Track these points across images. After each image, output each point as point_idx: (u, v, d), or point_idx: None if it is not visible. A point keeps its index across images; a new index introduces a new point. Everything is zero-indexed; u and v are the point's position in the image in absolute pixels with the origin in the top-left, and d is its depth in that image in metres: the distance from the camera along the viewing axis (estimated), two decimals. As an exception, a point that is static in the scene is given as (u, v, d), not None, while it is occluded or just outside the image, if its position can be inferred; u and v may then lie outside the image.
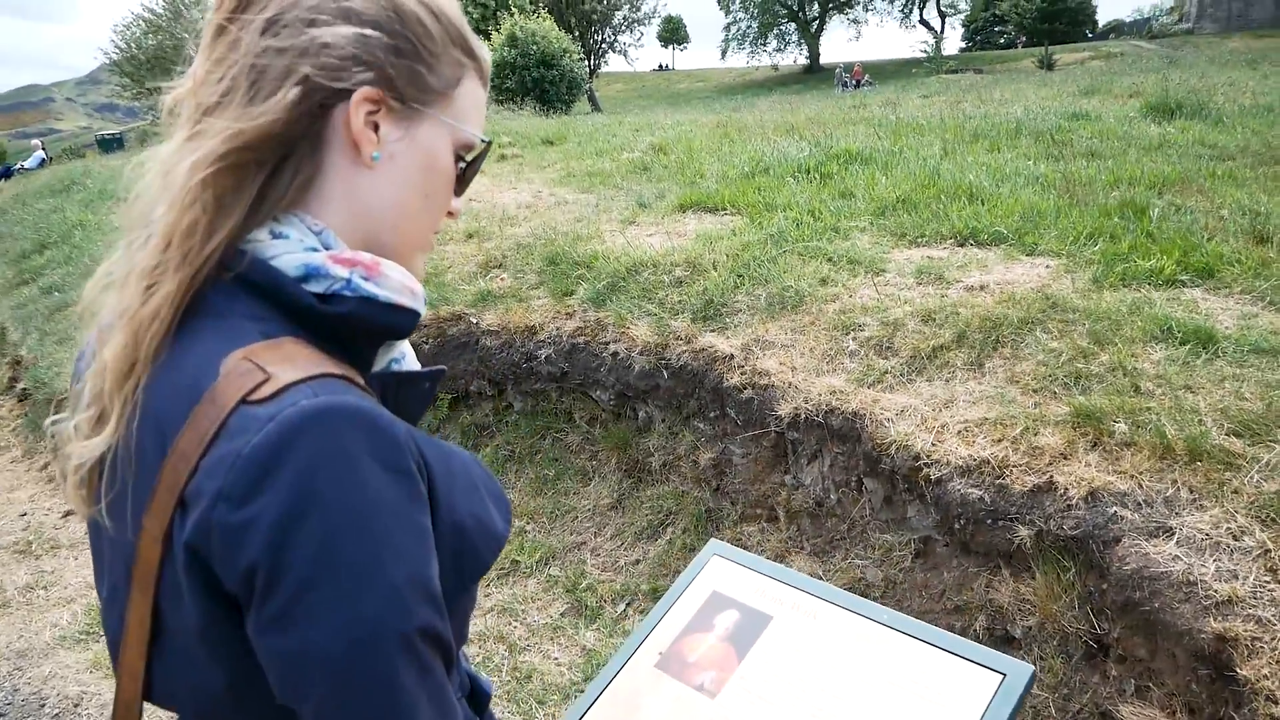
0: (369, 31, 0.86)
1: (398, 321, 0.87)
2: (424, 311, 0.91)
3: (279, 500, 0.69)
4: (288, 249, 0.84)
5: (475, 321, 4.81)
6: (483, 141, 0.98)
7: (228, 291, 0.82)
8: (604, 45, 57.16)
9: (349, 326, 0.84)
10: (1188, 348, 3.10)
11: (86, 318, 0.89)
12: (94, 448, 0.82)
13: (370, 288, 0.84)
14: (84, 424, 0.84)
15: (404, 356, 0.99)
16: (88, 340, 0.92)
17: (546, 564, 4.03)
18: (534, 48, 25.36)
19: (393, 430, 0.76)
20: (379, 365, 0.93)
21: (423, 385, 0.95)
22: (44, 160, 27.46)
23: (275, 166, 0.85)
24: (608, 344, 4.36)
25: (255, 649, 0.73)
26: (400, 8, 0.88)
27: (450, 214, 0.99)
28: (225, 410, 0.73)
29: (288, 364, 0.77)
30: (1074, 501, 2.68)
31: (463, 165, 0.97)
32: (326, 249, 0.85)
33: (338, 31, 0.85)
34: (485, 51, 0.99)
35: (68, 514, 5.44)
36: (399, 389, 0.91)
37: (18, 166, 27.08)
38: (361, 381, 0.83)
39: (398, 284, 0.86)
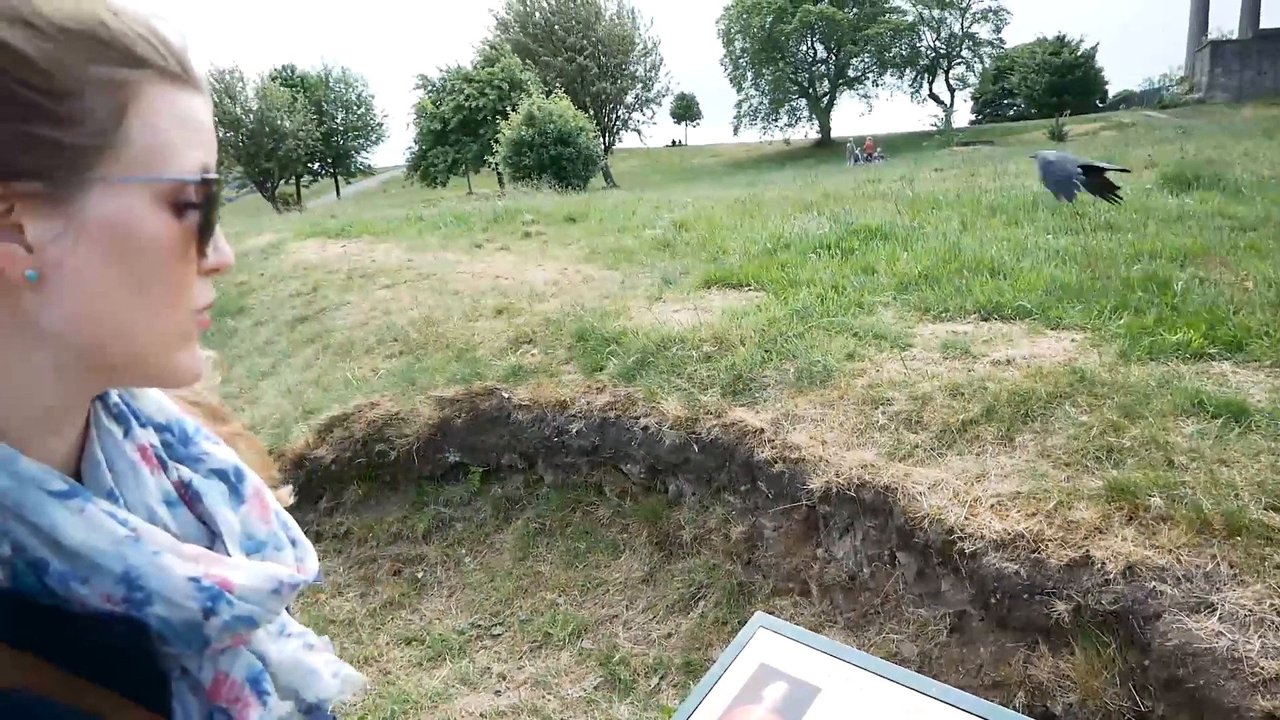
0: None
1: None
2: None
3: None
4: None
5: (507, 396, 4.88)
6: (201, 180, 0.67)
7: None
8: (618, 123, 58.43)
9: None
10: (1220, 421, 3.13)
11: None
12: None
13: None
14: None
15: (84, 564, 0.64)
16: None
17: (579, 637, 4.03)
18: (551, 126, 26.04)
19: None
20: None
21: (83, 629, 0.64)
22: None
23: None
24: (638, 418, 4.41)
25: None
26: None
27: (215, 270, 0.71)
28: None
29: None
30: (1111, 576, 2.68)
31: (194, 215, 0.67)
32: None
33: None
34: (165, 39, 0.66)
35: None
36: (45, 622, 0.63)
37: None
38: None
39: None
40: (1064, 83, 54.40)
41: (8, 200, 0.59)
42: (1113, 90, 60.65)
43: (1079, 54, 55.38)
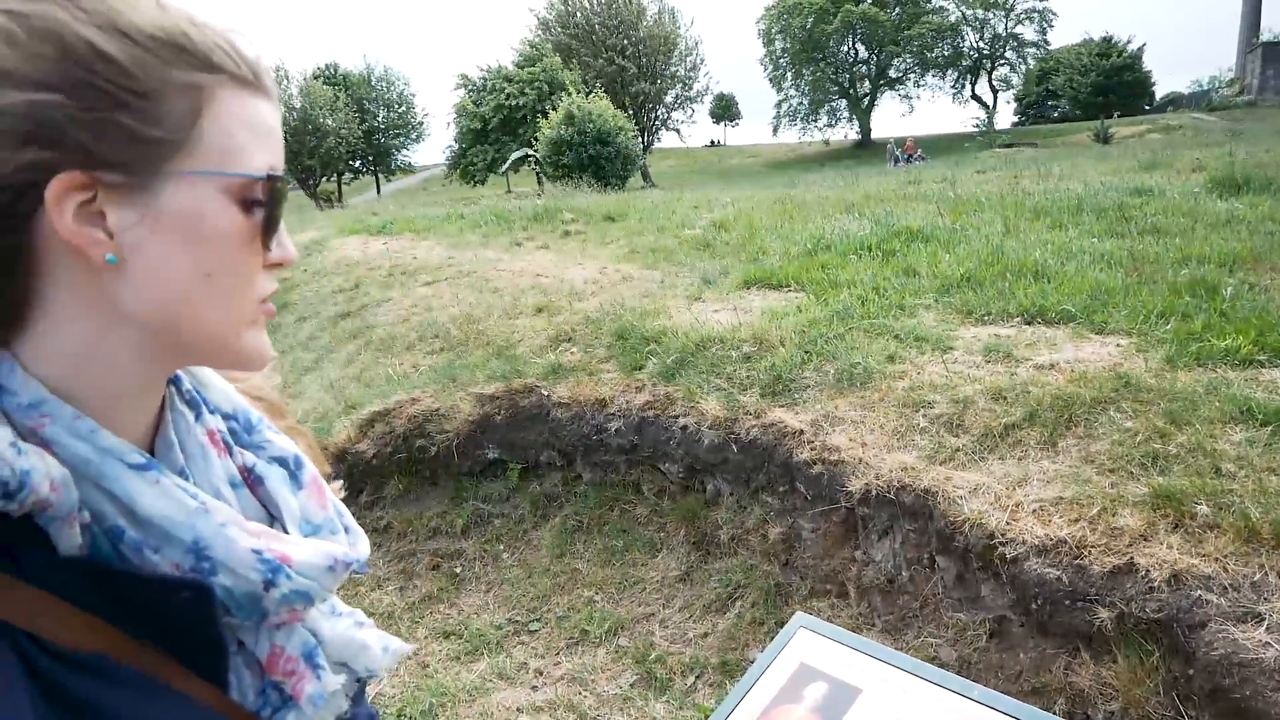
0: (39, 96, 0.61)
1: None
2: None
3: None
4: None
5: (546, 394, 4.92)
6: (267, 177, 0.71)
7: None
8: (657, 122, 58.38)
9: None
10: (1269, 429, 3.08)
11: None
12: None
13: None
14: None
15: (157, 532, 0.69)
16: None
17: (615, 634, 4.05)
18: (590, 126, 26.09)
19: None
20: (67, 543, 0.66)
21: (149, 592, 0.68)
22: None
23: None
24: (677, 418, 4.43)
25: None
26: (71, 49, 0.62)
27: (280, 264, 0.76)
28: None
29: None
30: (1156, 584, 2.66)
31: (260, 211, 0.72)
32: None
33: None
34: (238, 48, 0.71)
35: None
36: (117, 587, 0.67)
37: None
38: None
39: None
40: (1110, 84, 53.49)
41: (92, 189, 0.64)
42: (1160, 92, 59.56)
43: (1126, 55, 54.42)
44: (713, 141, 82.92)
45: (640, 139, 36.72)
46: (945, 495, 3.31)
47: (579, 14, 54.66)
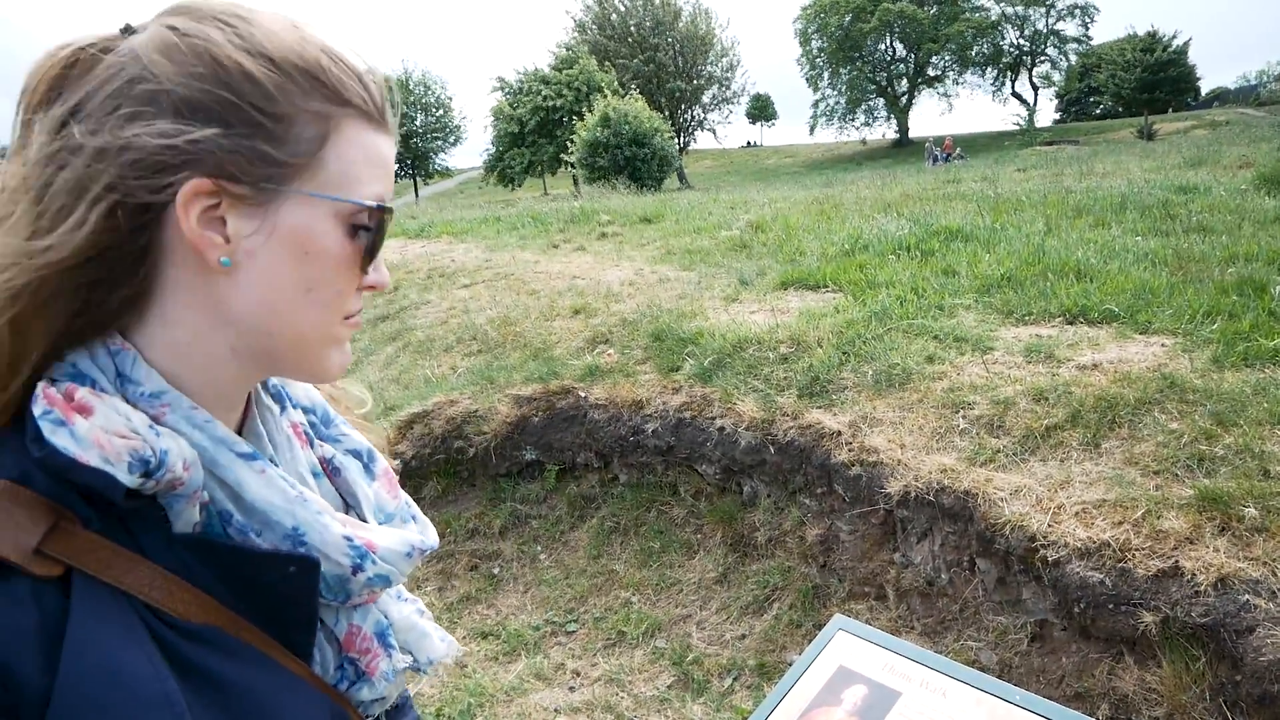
0: (185, 111, 0.68)
1: (86, 482, 0.65)
2: (130, 479, 0.66)
3: None
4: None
5: (584, 395, 4.94)
6: (376, 207, 0.76)
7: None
8: (693, 123, 58.39)
9: (54, 474, 0.66)
10: (1320, 431, 3.01)
11: None
12: None
13: (57, 439, 0.65)
14: None
15: (260, 517, 0.75)
16: None
17: (652, 635, 4.06)
18: (626, 127, 26.17)
19: None
20: (185, 520, 0.72)
21: (258, 565, 0.74)
22: None
23: (89, 288, 0.70)
24: (714, 419, 4.43)
25: None
26: (221, 68, 0.69)
27: (372, 287, 0.80)
28: None
29: None
30: (1202, 588, 2.61)
31: (364, 237, 0.76)
32: (120, 375, 0.72)
33: (145, 123, 0.67)
34: (369, 86, 0.77)
35: None
36: (228, 562, 0.73)
37: None
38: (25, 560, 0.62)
39: (86, 438, 0.65)
40: (1155, 80, 52.61)
41: (218, 196, 0.70)
42: (1206, 87, 58.46)
43: (1171, 50, 53.48)
44: (749, 142, 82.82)
45: (676, 140, 36.72)
46: (986, 497, 3.28)
47: (614, 15, 54.81)
